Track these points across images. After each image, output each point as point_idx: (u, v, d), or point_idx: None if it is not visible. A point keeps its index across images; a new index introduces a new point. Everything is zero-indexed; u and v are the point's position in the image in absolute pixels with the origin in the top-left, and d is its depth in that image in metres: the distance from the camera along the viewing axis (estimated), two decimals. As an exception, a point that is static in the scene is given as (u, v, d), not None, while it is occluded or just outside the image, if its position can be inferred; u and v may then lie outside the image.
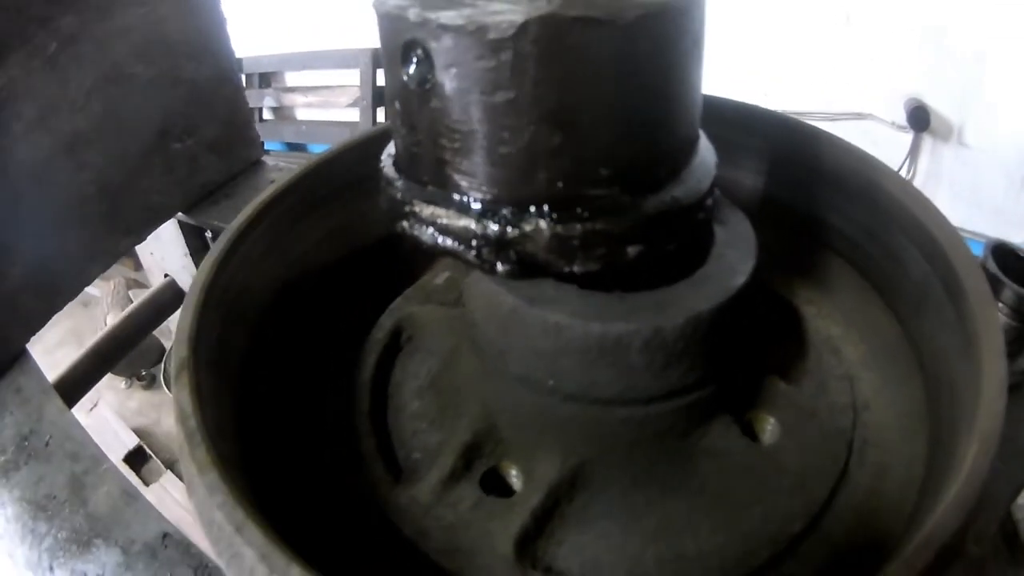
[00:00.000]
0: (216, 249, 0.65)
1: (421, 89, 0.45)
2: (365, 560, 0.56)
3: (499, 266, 0.47)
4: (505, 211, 0.46)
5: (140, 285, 3.35)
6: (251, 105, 3.46)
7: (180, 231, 1.46)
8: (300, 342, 0.69)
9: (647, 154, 0.48)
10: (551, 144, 0.44)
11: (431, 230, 0.49)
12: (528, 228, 0.46)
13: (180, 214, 1.37)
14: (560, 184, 0.45)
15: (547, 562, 0.55)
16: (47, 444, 1.05)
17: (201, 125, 1.35)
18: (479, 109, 0.44)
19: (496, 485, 0.59)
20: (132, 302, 1.62)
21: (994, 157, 1.96)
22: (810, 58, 2.07)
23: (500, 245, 0.46)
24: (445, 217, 0.48)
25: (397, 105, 0.48)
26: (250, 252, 0.66)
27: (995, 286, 0.86)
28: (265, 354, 0.66)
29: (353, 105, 3.44)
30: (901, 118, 2.03)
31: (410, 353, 0.69)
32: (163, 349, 3.33)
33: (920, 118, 2.01)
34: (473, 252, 0.47)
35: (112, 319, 1.62)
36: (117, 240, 1.29)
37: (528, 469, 0.58)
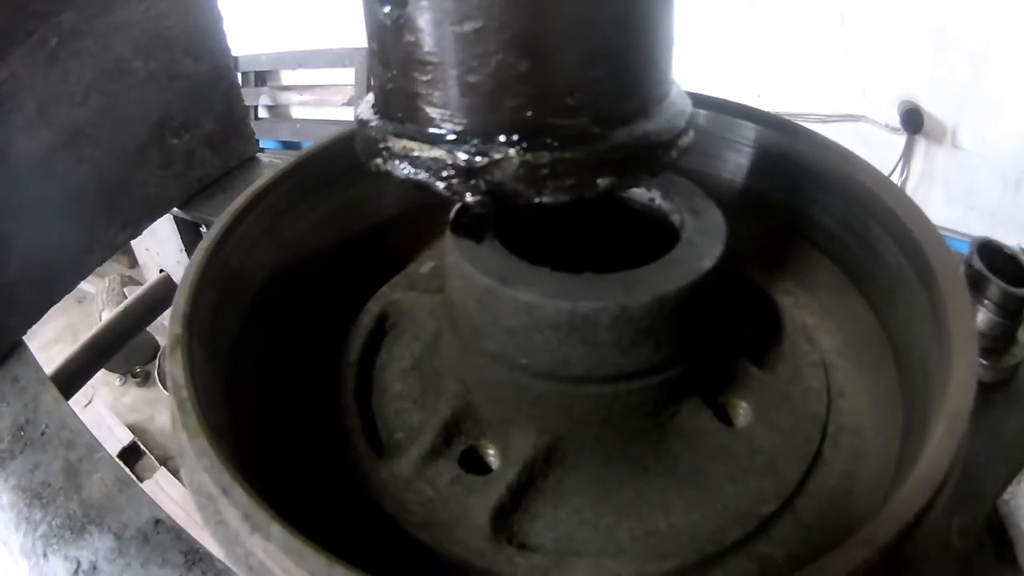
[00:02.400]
0: (213, 231, 0.68)
1: (396, 25, 0.47)
2: (346, 531, 0.58)
3: (468, 196, 0.49)
4: (475, 141, 0.48)
5: (135, 282, 3.38)
6: (247, 103, 3.49)
7: (176, 226, 1.49)
8: (290, 324, 0.72)
9: (615, 85, 0.49)
10: (518, 71, 0.46)
11: (403, 163, 0.50)
12: (497, 156, 0.47)
13: (176, 209, 1.40)
14: (528, 113, 0.47)
15: (522, 537, 0.57)
16: (43, 433, 1.07)
17: (198, 120, 1.38)
18: (449, 39, 0.46)
19: (474, 464, 0.62)
20: (127, 299, 1.65)
21: (988, 159, 1.98)
22: (804, 59, 2.10)
23: (469, 174, 0.48)
24: (417, 149, 0.50)
25: (374, 45, 0.51)
26: (246, 235, 0.69)
27: (981, 283, 0.87)
28: (256, 333, 0.69)
29: (348, 104, 3.47)
30: (895, 120, 2.06)
31: (395, 338, 0.72)
32: (157, 346, 3.35)
33: (914, 120, 2.03)
34: (443, 183, 0.49)
35: (107, 316, 1.65)
36: (114, 233, 1.31)
37: (504, 446, 0.60)
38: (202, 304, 0.62)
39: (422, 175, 0.50)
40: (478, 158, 0.48)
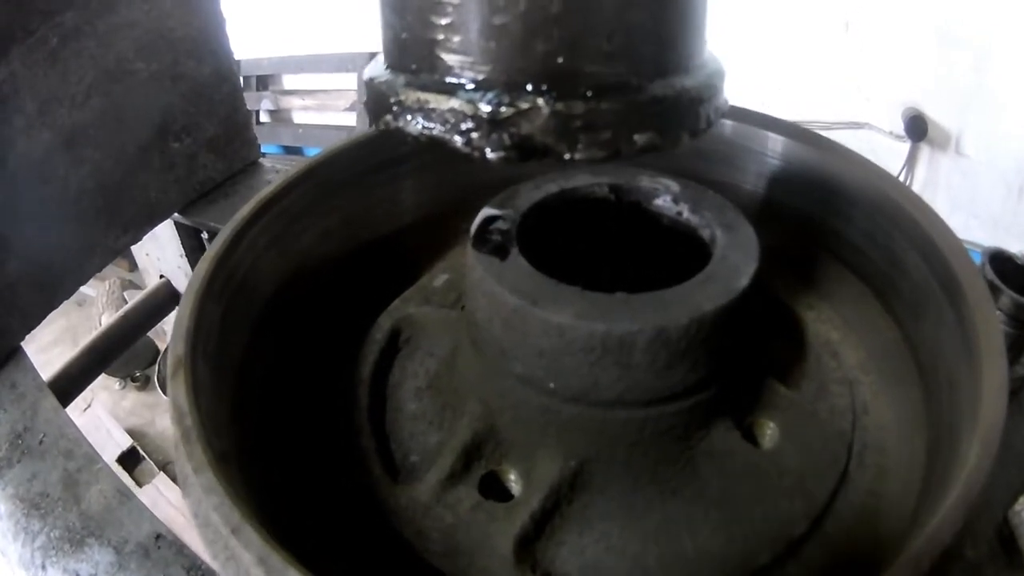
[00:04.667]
0: (219, 241, 0.65)
1: None
2: (363, 561, 0.55)
3: (489, 152, 0.42)
4: (499, 90, 0.42)
5: (135, 286, 3.34)
6: (248, 108, 3.44)
7: (176, 232, 1.45)
8: (299, 339, 0.69)
9: (654, 32, 0.44)
10: (550, 11, 0.40)
11: (416, 117, 0.44)
12: (525, 106, 0.41)
13: (177, 215, 1.37)
14: (560, 59, 0.41)
15: (547, 564, 0.54)
16: (41, 442, 1.04)
17: (200, 123, 1.35)
18: None
19: (495, 489, 0.59)
20: (127, 303, 1.61)
21: (992, 167, 1.96)
22: (808, 66, 2.08)
23: (493, 126, 0.42)
24: (433, 101, 0.43)
25: None
26: (253, 245, 0.66)
27: (993, 293, 0.86)
28: (264, 349, 0.65)
29: (350, 109, 3.42)
30: (899, 127, 2.04)
31: (409, 354, 0.68)
32: (157, 350, 3.31)
33: (918, 127, 2.01)
34: (462, 137, 0.43)
35: (107, 319, 1.61)
36: (115, 236, 1.28)
37: (528, 470, 0.57)
38: (207, 319, 0.59)
39: (437, 129, 0.43)
40: (503, 108, 0.42)
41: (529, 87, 0.42)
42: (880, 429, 0.69)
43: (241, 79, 3.76)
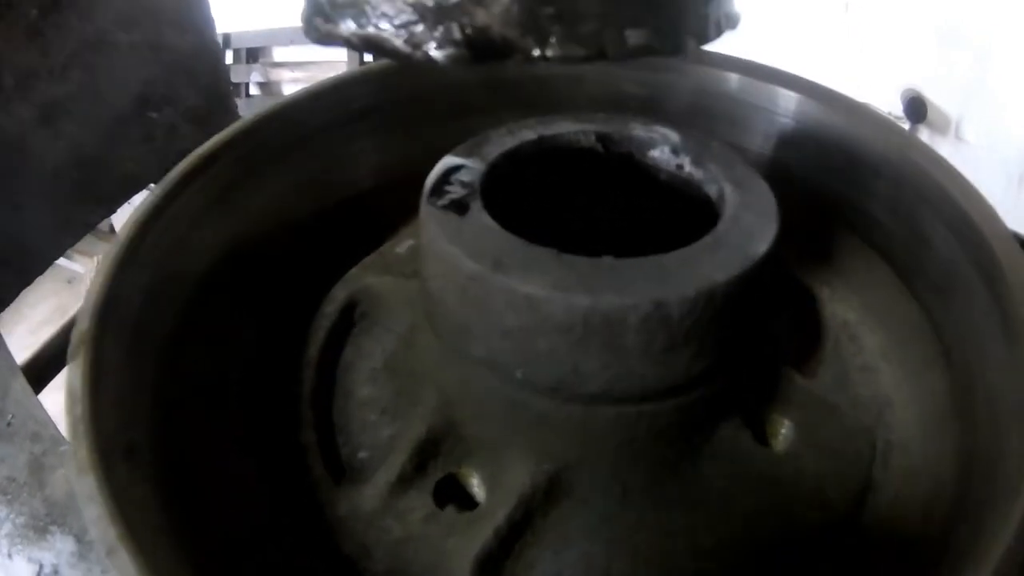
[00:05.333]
0: (145, 203, 0.52)
1: None
2: (295, 580, 0.43)
3: (434, 49, 0.31)
4: None
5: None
6: (238, 80, 3.30)
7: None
8: (242, 314, 0.56)
9: None
10: None
11: (347, 16, 0.33)
12: None
13: (154, 185, 1.27)
14: None
15: (515, 589, 0.42)
16: (9, 424, 0.93)
17: (181, 94, 1.25)
18: None
19: (455, 495, 0.46)
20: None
21: (993, 154, 1.82)
22: (807, 45, 1.93)
23: (439, 16, 0.30)
24: None
25: None
26: (189, 206, 0.54)
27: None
28: (200, 326, 0.53)
29: None
30: (898, 109, 1.90)
31: (365, 330, 0.55)
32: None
33: (917, 110, 1.87)
34: (402, 33, 0.31)
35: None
36: (91, 211, 1.19)
37: (494, 475, 0.44)
38: (126, 291, 0.47)
39: (371, 29, 0.31)
40: None
41: None
42: (904, 425, 0.56)
43: (231, 52, 3.59)
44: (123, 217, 1.28)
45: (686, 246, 0.40)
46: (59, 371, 1.29)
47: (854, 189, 0.62)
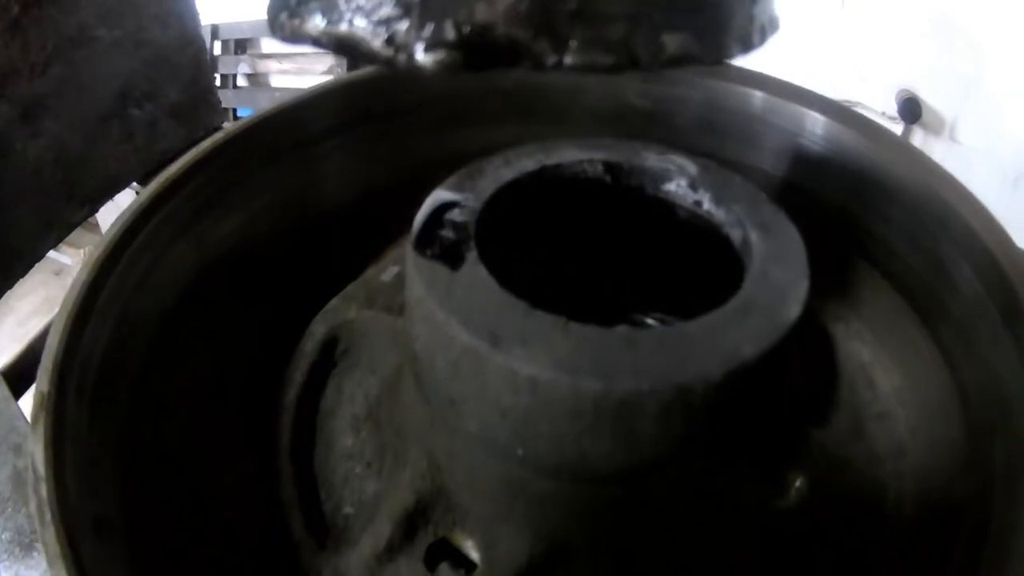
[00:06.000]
0: (107, 236, 0.46)
1: None
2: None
3: (421, 52, 0.24)
4: None
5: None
6: (226, 71, 3.20)
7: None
8: (215, 355, 0.50)
9: None
10: None
11: (317, 11, 0.26)
12: None
13: (137, 184, 1.21)
14: None
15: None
16: (-9, 435, 0.88)
17: (163, 89, 1.19)
18: None
19: (447, 556, 0.41)
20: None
21: (988, 155, 1.78)
22: (802, 43, 1.87)
23: (428, 11, 0.24)
24: None
25: None
26: (154, 238, 0.48)
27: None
28: (169, 372, 0.47)
29: (328, 73, 3.20)
30: (892, 109, 1.85)
31: (346, 370, 0.49)
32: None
33: (912, 110, 1.83)
34: (382, 31, 0.25)
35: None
36: (73, 210, 1.14)
37: (489, 544, 0.40)
38: (87, 345, 0.41)
39: (343, 26, 0.25)
40: None
41: None
42: (919, 475, 0.52)
43: (219, 43, 3.48)
44: (107, 214, 1.22)
45: (706, 295, 0.35)
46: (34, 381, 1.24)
47: (871, 217, 0.58)
